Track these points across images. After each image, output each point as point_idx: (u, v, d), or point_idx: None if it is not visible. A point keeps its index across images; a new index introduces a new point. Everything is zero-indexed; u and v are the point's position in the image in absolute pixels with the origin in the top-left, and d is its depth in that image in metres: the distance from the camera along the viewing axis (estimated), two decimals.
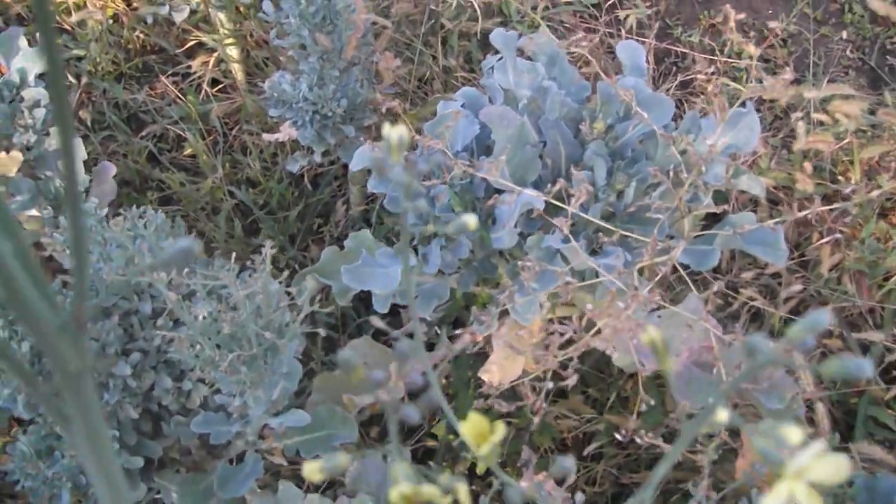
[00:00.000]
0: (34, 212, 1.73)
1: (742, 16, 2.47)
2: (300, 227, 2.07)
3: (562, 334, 1.20)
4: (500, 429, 0.46)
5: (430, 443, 1.71)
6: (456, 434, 1.66)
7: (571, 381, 1.02)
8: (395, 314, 1.76)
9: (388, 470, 1.18)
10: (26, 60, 1.74)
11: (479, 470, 1.63)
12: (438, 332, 1.67)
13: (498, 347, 1.33)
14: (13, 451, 1.17)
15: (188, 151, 2.26)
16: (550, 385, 1.23)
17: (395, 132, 0.45)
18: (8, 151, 1.68)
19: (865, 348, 1.57)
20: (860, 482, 1.22)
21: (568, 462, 0.47)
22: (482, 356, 1.69)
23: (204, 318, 0.91)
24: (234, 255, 1.01)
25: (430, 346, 1.62)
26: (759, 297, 1.58)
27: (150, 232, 1.14)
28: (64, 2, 2.56)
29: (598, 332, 1.17)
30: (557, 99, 1.29)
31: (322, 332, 1.06)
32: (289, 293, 0.98)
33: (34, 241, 1.84)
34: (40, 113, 1.72)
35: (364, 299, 1.82)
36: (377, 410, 1.49)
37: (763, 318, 1.68)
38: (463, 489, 0.42)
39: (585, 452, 1.52)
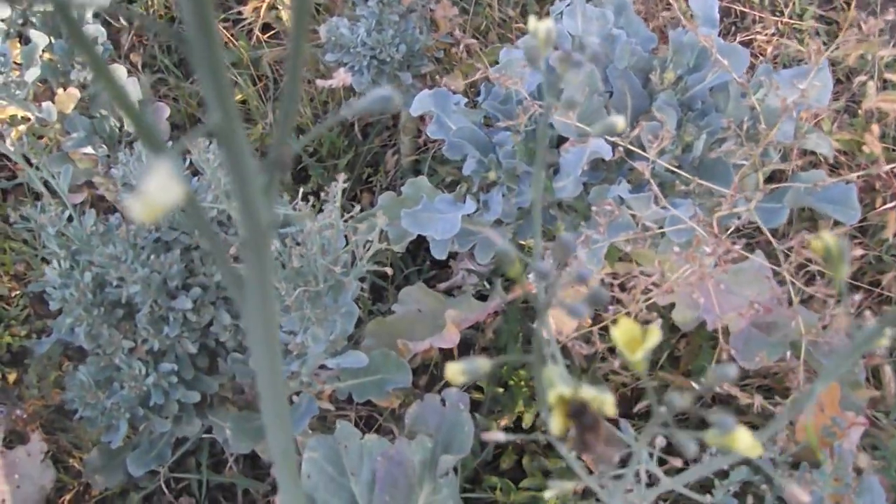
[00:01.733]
0: (89, 149, 1.73)
1: None
2: (350, 176, 2.05)
3: (622, 287, 1.17)
4: (656, 334, 0.44)
5: (476, 395, 1.70)
6: (502, 386, 1.64)
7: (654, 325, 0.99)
8: (443, 266, 1.75)
9: (445, 413, 1.17)
10: None
11: (526, 423, 1.62)
12: (488, 284, 1.65)
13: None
14: (72, 382, 1.18)
15: (238, 97, 2.24)
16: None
17: (542, 25, 0.43)
18: (65, 88, 1.68)
19: None
20: None
21: (731, 370, 0.45)
22: (531, 310, 1.67)
23: (272, 251, 0.90)
24: (300, 191, 0.99)
25: (481, 298, 1.60)
26: (819, 261, 1.54)
27: (212, 168, 1.12)
28: None
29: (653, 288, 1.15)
30: (627, 47, 1.25)
31: (388, 269, 1.04)
32: (355, 229, 0.97)
33: (87, 180, 1.85)
34: (98, 50, 1.71)
35: (411, 251, 1.81)
36: (428, 358, 1.48)
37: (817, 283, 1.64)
38: (610, 400, 0.40)
39: (635, 410, 1.50)
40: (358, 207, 1.97)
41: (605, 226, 1.01)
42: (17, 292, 1.91)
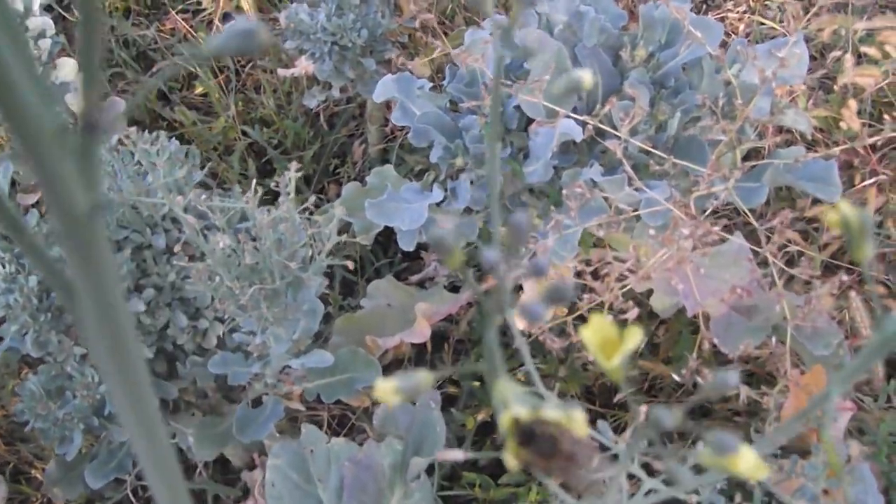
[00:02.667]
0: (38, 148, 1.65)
1: None
2: (316, 168, 1.99)
3: (596, 275, 1.12)
4: (636, 334, 0.38)
5: (452, 389, 1.65)
6: (479, 380, 1.60)
7: (631, 314, 0.94)
8: (415, 258, 1.69)
9: (416, 412, 1.12)
10: None
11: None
12: (462, 274, 1.60)
13: (528, 289, 1.26)
14: (22, 391, 1.11)
15: (199, 90, 2.16)
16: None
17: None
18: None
19: None
20: None
21: (732, 377, 0.40)
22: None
23: (224, 247, 0.84)
24: (254, 183, 0.93)
25: (454, 289, 1.54)
26: (801, 244, 1.51)
27: (163, 160, 1.06)
28: None
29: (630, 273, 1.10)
30: (596, 24, 1.20)
31: (350, 264, 0.99)
32: (312, 221, 0.91)
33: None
34: (46, 44, 1.63)
35: (381, 243, 1.75)
36: (400, 353, 1.43)
37: (799, 264, 1.60)
38: (580, 418, 0.34)
39: (615, 400, 1.45)
40: (323, 200, 1.91)
41: (576, 210, 0.96)
42: None
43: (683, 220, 0.94)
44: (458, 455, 0.49)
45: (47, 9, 1.84)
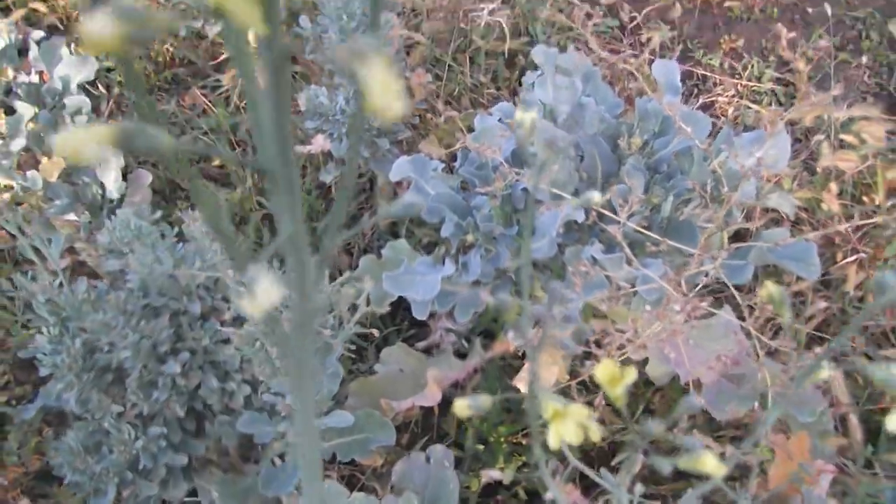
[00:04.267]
0: (72, 216, 1.76)
1: (763, 44, 2.51)
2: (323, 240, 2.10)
3: (598, 344, 1.23)
4: (632, 373, 0.50)
5: (457, 452, 1.73)
6: (482, 442, 1.68)
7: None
8: (422, 325, 1.79)
9: (431, 470, 1.20)
10: (69, 68, 1.78)
11: (506, 480, 1.65)
12: (466, 343, 1.70)
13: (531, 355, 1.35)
14: (60, 447, 1.20)
15: (217, 162, 2.29)
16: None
17: (527, 116, 0.49)
18: (49, 157, 1.72)
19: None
20: (889, 495, 1.25)
21: (695, 400, 0.51)
22: (509, 368, 1.72)
23: (269, 314, 0.94)
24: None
25: (460, 356, 1.64)
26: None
27: (197, 234, 1.17)
28: None
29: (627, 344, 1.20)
30: (596, 115, 1.33)
31: (375, 332, 1.09)
32: (341, 292, 1.01)
33: (69, 246, 1.88)
34: (81, 119, 1.76)
35: (390, 311, 1.85)
36: (409, 416, 1.51)
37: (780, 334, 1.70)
38: (594, 427, 0.45)
39: (613, 463, 1.54)
40: (336, 270, 2.02)
41: (580, 285, 1.07)
42: None
43: (675, 296, 1.04)
44: None
45: (82, 85, 1.96)
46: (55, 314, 1.19)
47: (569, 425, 0.50)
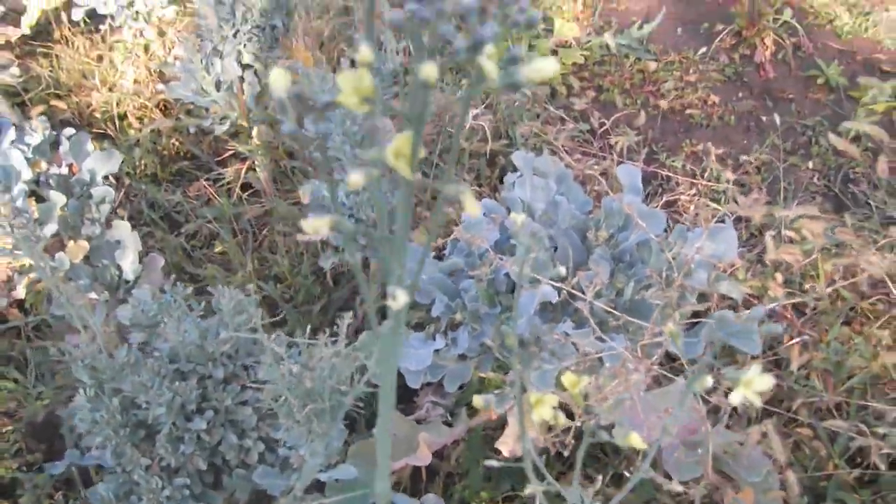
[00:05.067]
0: (93, 294, 1.95)
1: (720, 147, 2.80)
2: (322, 320, 2.30)
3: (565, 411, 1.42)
4: (585, 380, 0.69)
5: None
6: None
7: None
8: (409, 401, 1.98)
9: None
10: (95, 162, 2.00)
11: None
12: (450, 416, 1.88)
13: (512, 422, 1.55)
14: (93, 496, 1.36)
15: (219, 248, 2.50)
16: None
17: (519, 218, 0.70)
18: (75, 241, 1.92)
19: (833, 437, 1.80)
20: None
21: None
22: (489, 439, 1.90)
23: (291, 373, 1.13)
24: (308, 327, 1.24)
25: (446, 425, 1.82)
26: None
27: (226, 309, 1.37)
28: (107, 110, 2.86)
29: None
30: (568, 212, 1.56)
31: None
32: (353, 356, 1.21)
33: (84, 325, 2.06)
34: (105, 208, 1.97)
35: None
36: (399, 478, 1.68)
37: (737, 409, 1.91)
38: (562, 416, 0.65)
39: None
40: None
41: (550, 355, 1.27)
42: (9, 427, 2.07)
43: (632, 361, 1.25)
44: None
45: (106, 177, 2.17)
46: (94, 377, 1.38)
47: (546, 409, 0.69)
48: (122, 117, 2.87)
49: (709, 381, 0.71)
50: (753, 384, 0.63)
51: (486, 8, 0.32)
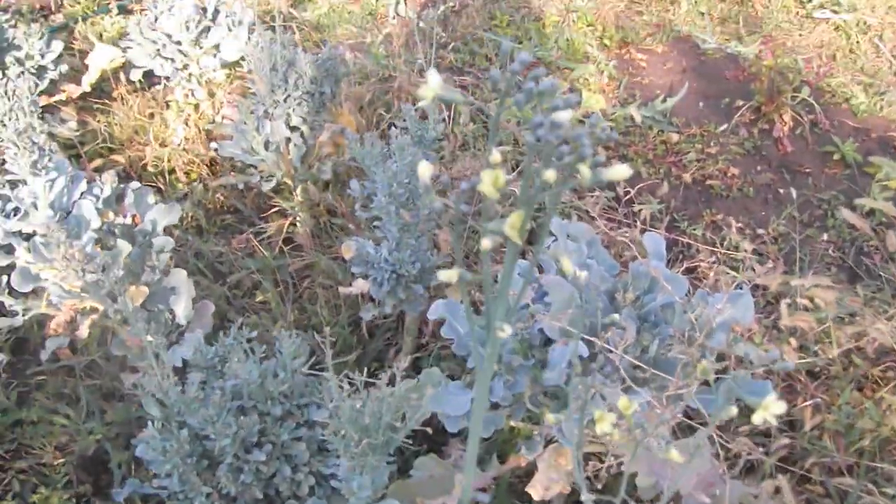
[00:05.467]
0: (149, 337, 2.10)
1: (739, 218, 2.96)
2: (358, 369, 2.44)
3: (598, 458, 1.55)
4: (612, 416, 0.83)
5: None
6: None
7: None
8: (446, 444, 2.10)
9: None
10: (157, 214, 2.17)
11: None
12: (482, 461, 2.01)
13: (542, 468, 1.67)
14: None
15: (260, 298, 2.66)
16: None
17: (575, 269, 0.85)
18: (136, 286, 2.08)
19: (843, 495, 1.91)
20: None
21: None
22: (516, 484, 2.02)
23: (353, 409, 1.27)
24: (365, 369, 1.38)
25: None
26: (754, 449, 1.94)
27: (286, 352, 1.52)
28: (158, 165, 3.05)
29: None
30: (598, 274, 1.71)
31: (429, 430, 1.41)
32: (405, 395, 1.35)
33: (132, 366, 2.21)
34: (164, 257, 2.14)
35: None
36: None
37: (756, 466, 2.02)
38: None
39: None
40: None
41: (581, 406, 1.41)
42: (61, 461, 2.21)
43: (658, 410, 1.38)
44: None
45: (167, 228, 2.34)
46: (163, 410, 1.52)
47: (607, 424, 0.83)
48: (172, 171, 3.06)
49: (733, 410, 0.84)
50: (770, 408, 0.76)
51: (583, 135, 0.48)
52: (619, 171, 0.50)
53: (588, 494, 1.05)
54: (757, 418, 0.78)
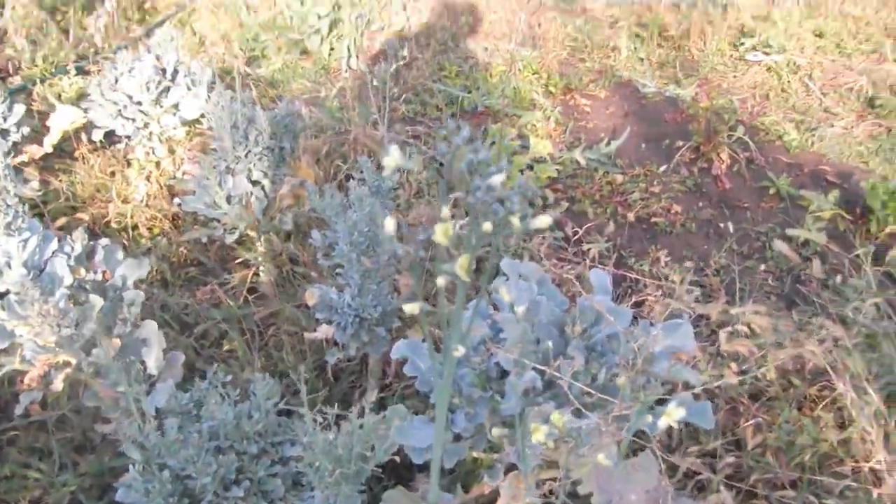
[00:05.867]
0: (121, 388, 2.19)
1: (682, 252, 3.14)
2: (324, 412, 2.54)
3: (553, 481, 1.69)
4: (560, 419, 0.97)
5: None
6: None
7: None
8: (410, 480, 2.22)
9: None
10: (126, 269, 2.28)
11: None
12: (448, 490, 2.12)
13: (504, 493, 1.80)
14: None
15: (227, 347, 2.76)
16: None
17: (520, 308, 0.99)
18: (110, 339, 2.18)
19: None
20: None
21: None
22: None
23: (326, 441, 1.39)
24: (336, 405, 1.51)
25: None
26: (702, 468, 2.09)
27: (261, 395, 1.63)
28: (121, 221, 3.15)
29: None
30: (547, 309, 1.86)
31: (397, 458, 1.54)
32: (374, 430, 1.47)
33: (105, 417, 2.30)
34: (135, 310, 2.24)
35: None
36: None
37: (706, 484, 2.17)
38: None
39: None
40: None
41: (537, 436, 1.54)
42: None
43: (606, 431, 1.53)
44: None
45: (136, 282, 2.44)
46: (143, 454, 1.62)
47: (541, 434, 0.97)
48: (135, 227, 3.17)
49: (650, 418, 0.98)
50: (673, 414, 0.91)
51: (516, 198, 0.63)
52: (542, 221, 0.65)
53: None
54: (662, 423, 0.92)
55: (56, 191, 3.23)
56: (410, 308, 0.79)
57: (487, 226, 0.66)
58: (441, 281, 0.73)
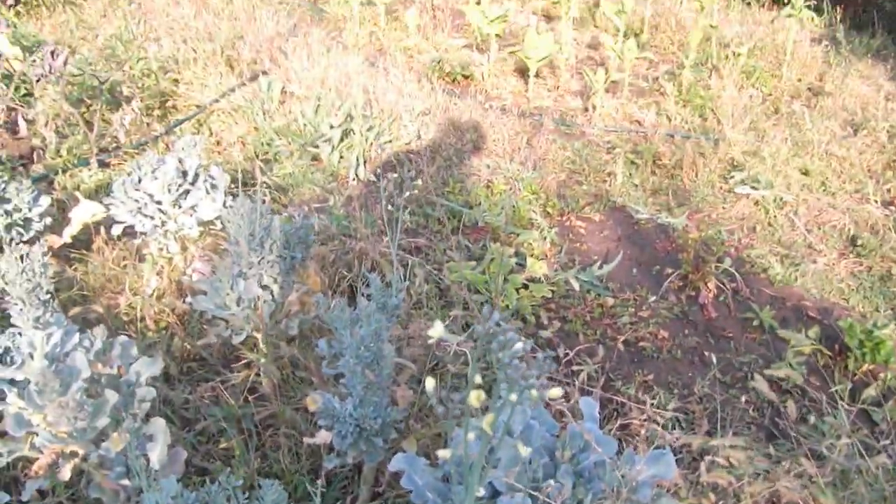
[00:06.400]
0: (126, 481, 2.30)
1: (668, 378, 3.29)
2: None
3: None
4: None
5: None
6: None
7: None
8: None
9: None
10: (140, 366, 2.42)
11: None
12: None
13: None
14: None
15: (224, 445, 2.87)
16: None
17: (523, 449, 1.14)
18: (118, 433, 2.30)
19: None
20: None
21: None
22: None
23: None
24: None
25: None
26: None
27: (269, 501, 1.76)
28: (129, 313, 3.30)
29: None
30: (539, 434, 2.00)
31: None
32: None
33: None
34: (146, 406, 2.37)
35: None
36: None
37: None
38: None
39: None
40: None
41: None
42: None
43: None
44: None
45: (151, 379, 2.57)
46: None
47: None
48: (142, 320, 3.31)
49: None
50: None
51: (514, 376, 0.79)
52: (555, 392, 0.81)
53: None
54: None
55: (69, 279, 3.39)
56: (443, 455, 0.94)
57: (514, 396, 0.82)
58: (471, 436, 0.89)
